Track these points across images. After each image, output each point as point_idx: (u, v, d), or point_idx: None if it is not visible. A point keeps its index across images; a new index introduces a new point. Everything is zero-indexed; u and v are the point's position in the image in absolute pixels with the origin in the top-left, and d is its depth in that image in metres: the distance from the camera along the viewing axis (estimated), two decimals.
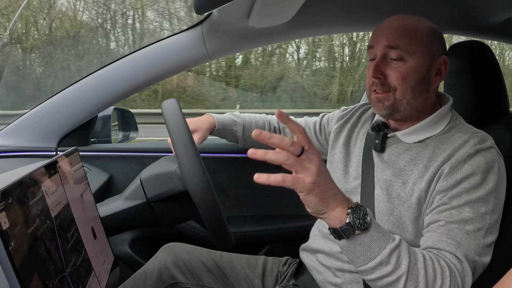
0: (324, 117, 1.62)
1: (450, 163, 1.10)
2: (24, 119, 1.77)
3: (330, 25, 1.85)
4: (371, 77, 1.19)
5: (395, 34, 1.16)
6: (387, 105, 1.19)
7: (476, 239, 1.04)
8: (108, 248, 1.19)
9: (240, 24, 1.63)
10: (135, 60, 1.76)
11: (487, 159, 1.09)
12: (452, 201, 1.07)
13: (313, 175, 0.90)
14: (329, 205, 0.94)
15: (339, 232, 0.96)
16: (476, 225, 1.04)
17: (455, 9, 1.76)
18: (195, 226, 1.87)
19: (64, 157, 1.01)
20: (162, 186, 1.28)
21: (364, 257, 0.97)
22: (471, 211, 1.05)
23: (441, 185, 1.10)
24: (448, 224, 1.05)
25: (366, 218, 0.96)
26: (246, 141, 1.67)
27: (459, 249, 1.02)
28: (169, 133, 1.17)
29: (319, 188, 0.91)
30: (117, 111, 2.22)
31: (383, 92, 1.18)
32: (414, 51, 1.15)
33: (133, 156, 1.89)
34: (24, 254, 0.67)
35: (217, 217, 1.11)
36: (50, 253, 0.77)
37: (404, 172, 1.18)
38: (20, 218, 0.69)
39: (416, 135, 1.22)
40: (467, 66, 1.44)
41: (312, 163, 0.90)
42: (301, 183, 0.90)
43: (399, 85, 1.16)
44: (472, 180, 1.07)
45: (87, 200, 1.11)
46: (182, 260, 1.42)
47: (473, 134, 1.15)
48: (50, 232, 0.80)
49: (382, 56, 1.18)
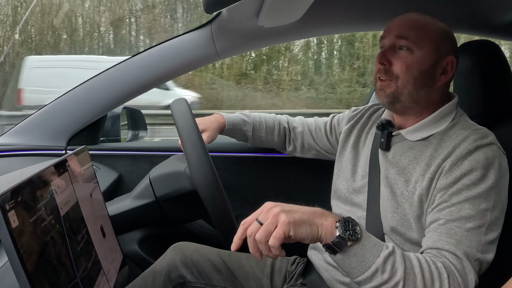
0: (335, 117, 1.62)
1: (450, 160, 1.10)
2: (34, 118, 1.78)
3: (339, 24, 1.85)
4: (378, 63, 1.22)
5: (407, 25, 1.19)
6: (389, 92, 1.20)
7: (477, 236, 1.03)
8: (117, 246, 1.20)
9: (249, 24, 1.63)
10: (144, 59, 1.76)
11: (487, 155, 1.08)
12: (452, 198, 1.07)
13: (282, 212, 0.94)
14: (316, 224, 0.96)
15: (332, 247, 0.96)
16: (476, 222, 1.03)
17: (464, 8, 1.75)
18: (204, 225, 1.87)
19: (74, 156, 1.01)
20: (171, 185, 1.29)
21: (360, 267, 0.97)
22: (471, 208, 1.04)
23: (441, 183, 1.10)
24: (448, 223, 1.05)
25: (356, 228, 0.97)
26: (255, 140, 1.67)
27: (459, 247, 1.01)
28: (178, 132, 1.17)
29: (296, 215, 0.94)
30: (127, 110, 2.23)
31: (386, 80, 1.20)
32: (422, 44, 1.17)
33: (142, 155, 1.89)
34: (34, 261, 0.67)
35: (226, 216, 1.11)
36: (61, 259, 0.77)
37: (407, 170, 1.19)
38: (30, 216, 0.70)
39: (420, 132, 1.22)
40: (476, 65, 1.43)
41: (270, 211, 0.95)
42: (282, 227, 0.92)
43: (402, 74, 1.18)
44: (471, 176, 1.06)
45: (96, 198, 1.11)
46: (191, 259, 1.42)
47: (474, 130, 1.14)
48: (60, 237, 0.80)
49: (391, 45, 1.20)
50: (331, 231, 0.96)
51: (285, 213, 0.93)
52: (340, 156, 1.45)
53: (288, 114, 1.76)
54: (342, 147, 1.46)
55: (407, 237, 1.15)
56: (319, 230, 0.95)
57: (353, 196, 1.32)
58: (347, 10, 1.74)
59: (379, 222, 1.21)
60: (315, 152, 1.68)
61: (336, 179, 1.43)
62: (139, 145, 1.95)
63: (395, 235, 1.18)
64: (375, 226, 1.22)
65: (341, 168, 1.41)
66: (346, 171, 1.38)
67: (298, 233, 0.93)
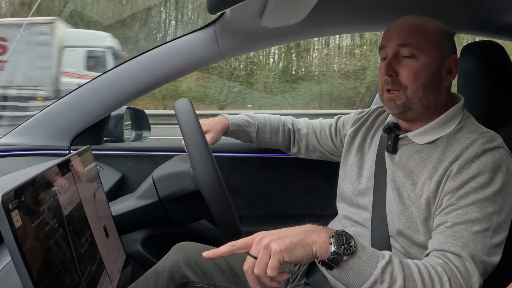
0: (340, 119, 1.61)
1: (457, 163, 1.10)
2: (38, 118, 1.78)
3: (343, 24, 1.85)
4: (383, 75, 1.21)
5: (406, 32, 1.18)
6: (399, 104, 1.19)
7: (483, 239, 1.03)
8: (120, 246, 1.20)
9: (253, 24, 1.63)
10: (148, 59, 1.76)
11: (495, 159, 1.08)
12: (459, 201, 1.07)
13: (271, 242, 0.94)
14: (309, 243, 0.95)
15: (327, 263, 0.96)
16: (483, 225, 1.03)
17: (467, 9, 1.74)
18: (207, 225, 1.87)
19: (77, 156, 1.01)
20: (175, 185, 1.29)
21: (358, 279, 0.97)
22: (478, 211, 1.04)
23: (449, 186, 1.10)
24: (454, 226, 1.05)
25: (350, 242, 0.96)
26: (260, 141, 1.67)
27: (465, 249, 1.01)
28: (182, 133, 1.17)
29: (286, 240, 0.94)
30: (130, 110, 2.23)
31: (395, 91, 1.19)
32: (426, 49, 1.16)
33: (145, 155, 1.89)
34: (38, 269, 0.67)
35: (229, 217, 1.11)
36: (65, 264, 0.77)
37: (414, 173, 1.18)
38: (33, 216, 0.70)
39: (427, 135, 1.21)
40: (480, 66, 1.42)
41: (260, 243, 0.95)
42: (275, 256, 0.92)
43: (410, 84, 1.17)
44: (479, 180, 1.06)
45: (99, 198, 1.11)
46: (194, 259, 1.42)
47: (482, 133, 1.14)
48: (63, 241, 0.80)
49: (394, 54, 1.19)
50: (325, 247, 0.95)
51: (274, 242, 0.93)
52: (345, 159, 1.45)
53: (292, 115, 1.76)
54: (347, 150, 1.46)
55: (414, 240, 1.15)
56: (313, 248, 0.95)
57: (359, 198, 1.32)
58: (351, 11, 1.73)
59: (385, 224, 1.21)
60: (320, 154, 1.67)
61: (341, 182, 1.43)
62: (143, 145, 1.95)
63: (402, 237, 1.18)
64: (381, 228, 1.22)
65: (347, 171, 1.41)
66: (351, 174, 1.38)
67: (292, 257, 0.93)
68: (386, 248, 1.19)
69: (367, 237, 1.25)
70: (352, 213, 1.33)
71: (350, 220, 1.33)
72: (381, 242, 1.21)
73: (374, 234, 1.23)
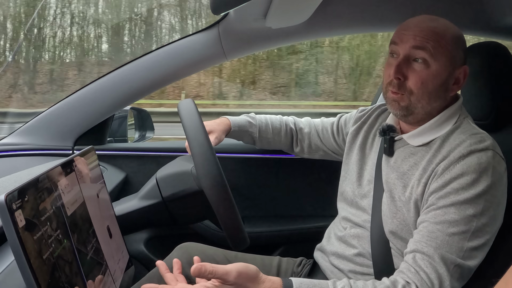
0: (342, 118, 1.61)
1: (443, 164, 1.09)
2: (41, 118, 1.79)
3: (347, 25, 1.84)
4: (391, 76, 1.17)
5: (423, 36, 1.13)
6: (403, 105, 1.17)
7: (459, 241, 1.02)
8: (123, 246, 1.20)
9: (256, 25, 1.63)
10: (152, 60, 1.76)
11: (481, 160, 1.06)
12: (439, 202, 1.06)
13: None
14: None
15: None
16: (460, 227, 1.02)
17: (472, 9, 1.74)
18: (210, 226, 1.87)
19: (81, 156, 1.01)
20: (178, 185, 1.29)
21: None
22: (456, 213, 1.03)
23: (433, 186, 1.09)
24: (431, 226, 1.05)
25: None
26: (262, 142, 1.67)
27: (438, 251, 1.01)
28: (185, 133, 1.17)
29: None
30: (134, 111, 2.23)
31: (399, 93, 1.17)
32: (439, 56, 1.13)
33: (149, 156, 1.90)
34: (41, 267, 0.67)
35: (233, 217, 1.11)
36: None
37: (406, 176, 1.18)
38: (36, 217, 0.70)
39: (422, 137, 1.20)
40: (484, 67, 1.42)
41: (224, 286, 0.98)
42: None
43: (416, 90, 1.14)
44: (461, 181, 1.05)
45: (103, 199, 1.11)
46: (197, 260, 1.42)
47: (472, 134, 1.12)
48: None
49: (406, 56, 1.15)
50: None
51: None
52: (347, 157, 1.44)
53: (294, 115, 1.75)
54: (349, 148, 1.45)
55: (408, 241, 1.15)
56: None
57: (359, 200, 1.32)
58: (355, 11, 1.73)
59: (382, 226, 1.21)
60: (322, 153, 1.67)
61: (343, 181, 1.43)
62: (146, 146, 1.95)
63: (397, 239, 1.18)
64: (379, 230, 1.22)
65: (348, 170, 1.41)
66: (352, 174, 1.38)
67: None
68: (386, 249, 1.20)
69: (367, 239, 1.25)
70: (352, 215, 1.33)
71: (350, 221, 1.33)
72: (380, 243, 1.22)
73: (373, 236, 1.24)
